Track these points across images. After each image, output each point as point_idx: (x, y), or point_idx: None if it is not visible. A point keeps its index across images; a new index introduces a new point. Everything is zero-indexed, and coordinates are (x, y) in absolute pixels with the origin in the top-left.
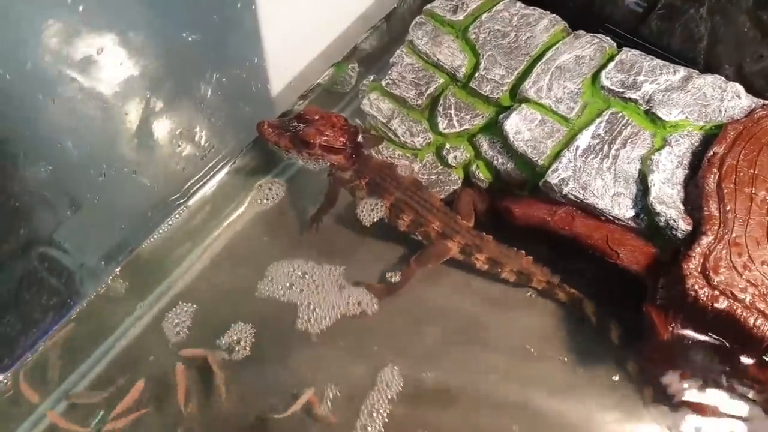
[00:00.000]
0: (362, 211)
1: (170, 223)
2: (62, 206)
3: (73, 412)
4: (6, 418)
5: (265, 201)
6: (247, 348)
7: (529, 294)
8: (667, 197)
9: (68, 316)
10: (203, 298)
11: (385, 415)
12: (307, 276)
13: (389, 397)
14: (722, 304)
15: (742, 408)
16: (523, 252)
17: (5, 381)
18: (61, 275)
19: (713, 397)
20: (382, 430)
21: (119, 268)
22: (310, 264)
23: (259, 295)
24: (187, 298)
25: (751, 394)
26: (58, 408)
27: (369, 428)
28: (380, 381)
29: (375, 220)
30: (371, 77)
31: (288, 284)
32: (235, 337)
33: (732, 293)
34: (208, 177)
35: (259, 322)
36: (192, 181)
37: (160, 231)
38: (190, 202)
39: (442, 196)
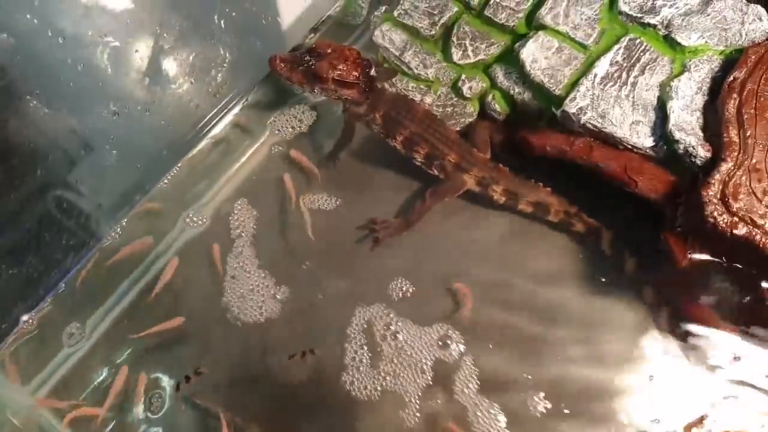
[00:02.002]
0: None
1: (185, 161)
2: (76, 148)
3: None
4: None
5: (279, 138)
6: None
7: (545, 226)
8: (686, 124)
9: (88, 256)
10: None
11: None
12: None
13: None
14: (741, 230)
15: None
16: (541, 183)
17: (31, 321)
18: (79, 217)
19: (731, 322)
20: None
21: (135, 208)
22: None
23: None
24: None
25: None
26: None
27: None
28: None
29: None
30: (383, 8)
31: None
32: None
33: (751, 219)
34: (221, 114)
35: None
36: (206, 119)
37: (176, 170)
38: (205, 141)
39: (458, 129)
